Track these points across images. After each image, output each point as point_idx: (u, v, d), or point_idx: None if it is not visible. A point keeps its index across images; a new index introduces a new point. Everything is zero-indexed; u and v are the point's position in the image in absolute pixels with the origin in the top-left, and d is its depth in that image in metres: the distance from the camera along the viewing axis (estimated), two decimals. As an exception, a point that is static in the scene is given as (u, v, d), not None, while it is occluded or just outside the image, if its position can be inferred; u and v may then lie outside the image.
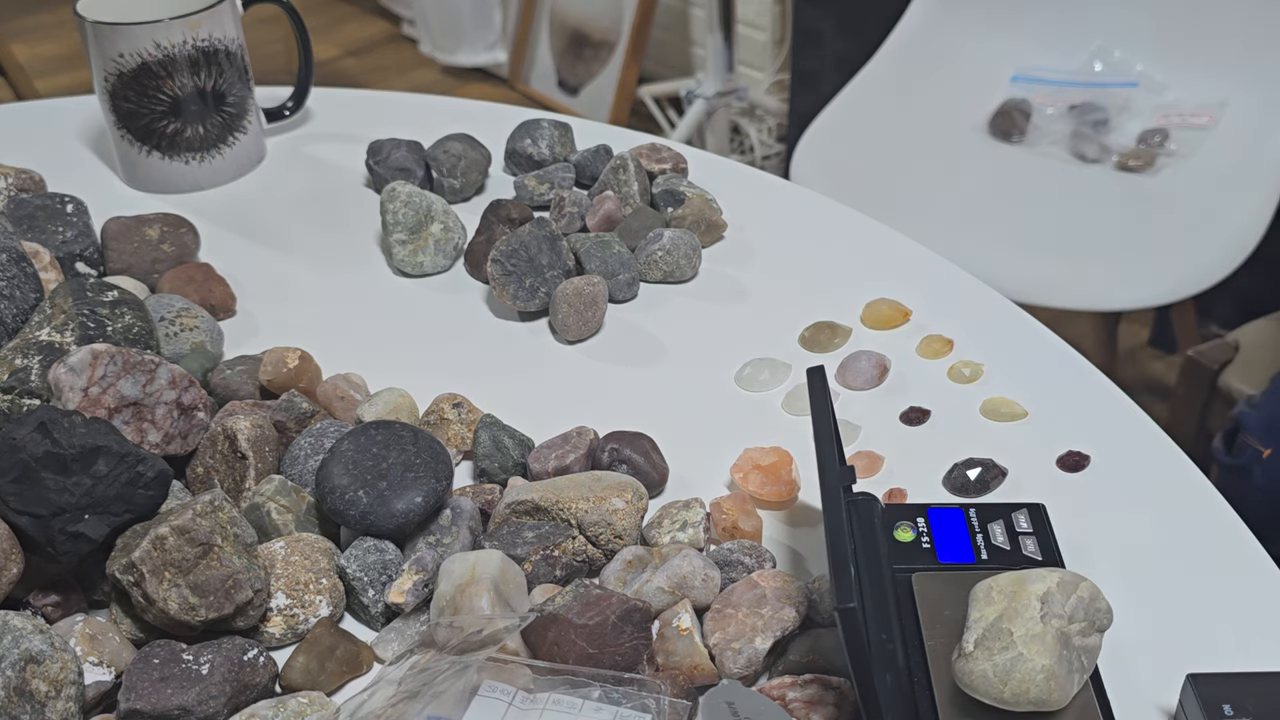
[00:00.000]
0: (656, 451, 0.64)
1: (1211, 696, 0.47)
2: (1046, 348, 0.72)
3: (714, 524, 0.61)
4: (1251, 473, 1.08)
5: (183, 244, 0.80)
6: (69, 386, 0.59)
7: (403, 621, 0.56)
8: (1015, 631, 0.46)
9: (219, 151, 0.91)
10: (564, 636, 0.52)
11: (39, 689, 0.49)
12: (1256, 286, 1.55)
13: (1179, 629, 0.55)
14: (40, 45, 2.98)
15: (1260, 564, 0.58)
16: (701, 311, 0.77)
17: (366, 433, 0.61)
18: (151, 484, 0.56)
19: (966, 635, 0.47)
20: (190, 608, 0.53)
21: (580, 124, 0.96)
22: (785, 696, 0.51)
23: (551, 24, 2.66)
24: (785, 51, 2.38)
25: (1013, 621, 0.46)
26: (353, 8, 3.26)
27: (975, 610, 0.47)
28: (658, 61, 2.68)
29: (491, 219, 0.81)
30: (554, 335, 0.75)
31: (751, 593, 0.55)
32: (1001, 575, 0.48)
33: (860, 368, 0.70)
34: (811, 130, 1.53)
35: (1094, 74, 1.54)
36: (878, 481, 0.64)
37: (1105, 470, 0.63)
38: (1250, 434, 1.08)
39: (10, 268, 0.68)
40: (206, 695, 0.51)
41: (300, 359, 0.69)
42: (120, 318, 0.67)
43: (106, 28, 0.84)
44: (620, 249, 0.78)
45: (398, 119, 0.98)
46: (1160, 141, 1.43)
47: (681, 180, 0.85)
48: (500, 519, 0.60)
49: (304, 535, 0.59)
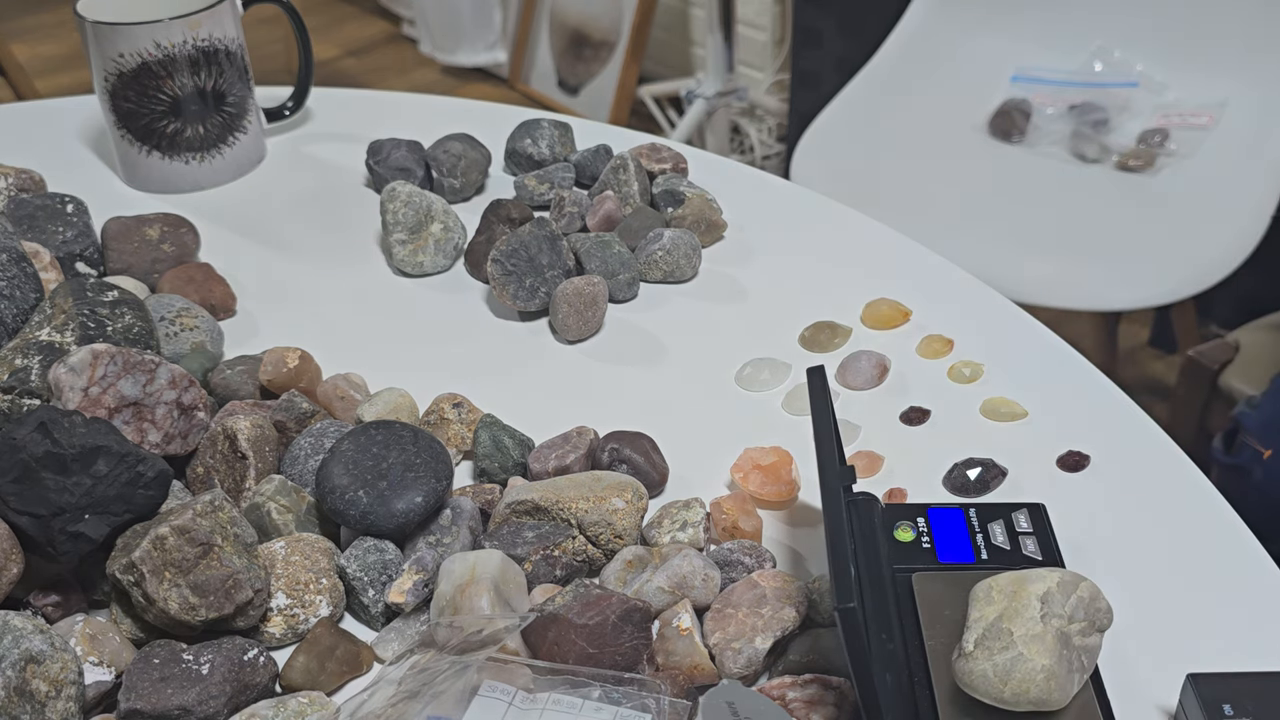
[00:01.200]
0: (656, 451, 0.64)
1: (1211, 696, 0.47)
2: (1046, 348, 0.72)
3: (714, 524, 0.61)
4: (1251, 473, 1.08)
5: (183, 244, 0.80)
6: (69, 386, 0.59)
7: (403, 621, 0.56)
8: (1015, 631, 0.46)
9: (219, 151, 0.91)
10: (564, 636, 0.52)
11: (39, 689, 0.49)
12: (1256, 286, 1.55)
13: (1179, 629, 0.55)
14: (40, 45, 2.98)
15: (1260, 564, 0.58)
16: (701, 311, 0.77)
17: (366, 433, 0.61)
18: (151, 484, 0.56)
19: (966, 635, 0.47)
20: (190, 608, 0.53)
21: (580, 124, 0.96)
22: (785, 696, 0.51)
23: (551, 24, 2.66)
24: (785, 51, 2.38)
25: (1013, 621, 0.46)
26: (353, 8, 3.26)
27: (975, 610, 0.47)
28: (658, 61, 2.68)
29: (491, 219, 0.81)
30: (554, 335, 0.75)
31: (751, 593, 0.55)
32: (1001, 575, 0.48)
33: (860, 368, 0.70)
34: (811, 130, 1.53)
35: (1094, 74, 1.54)
36: (878, 481, 0.64)
37: (1105, 470, 0.63)
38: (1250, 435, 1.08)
39: (10, 268, 0.68)
40: (206, 695, 0.51)
41: (300, 359, 0.69)
42: (120, 318, 0.67)
43: (106, 28, 0.84)
44: (620, 249, 0.78)
45: (398, 119, 0.98)
46: (1160, 141, 1.43)
47: (681, 180, 0.85)
48: (500, 519, 0.60)
49: (304, 535, 0.59)
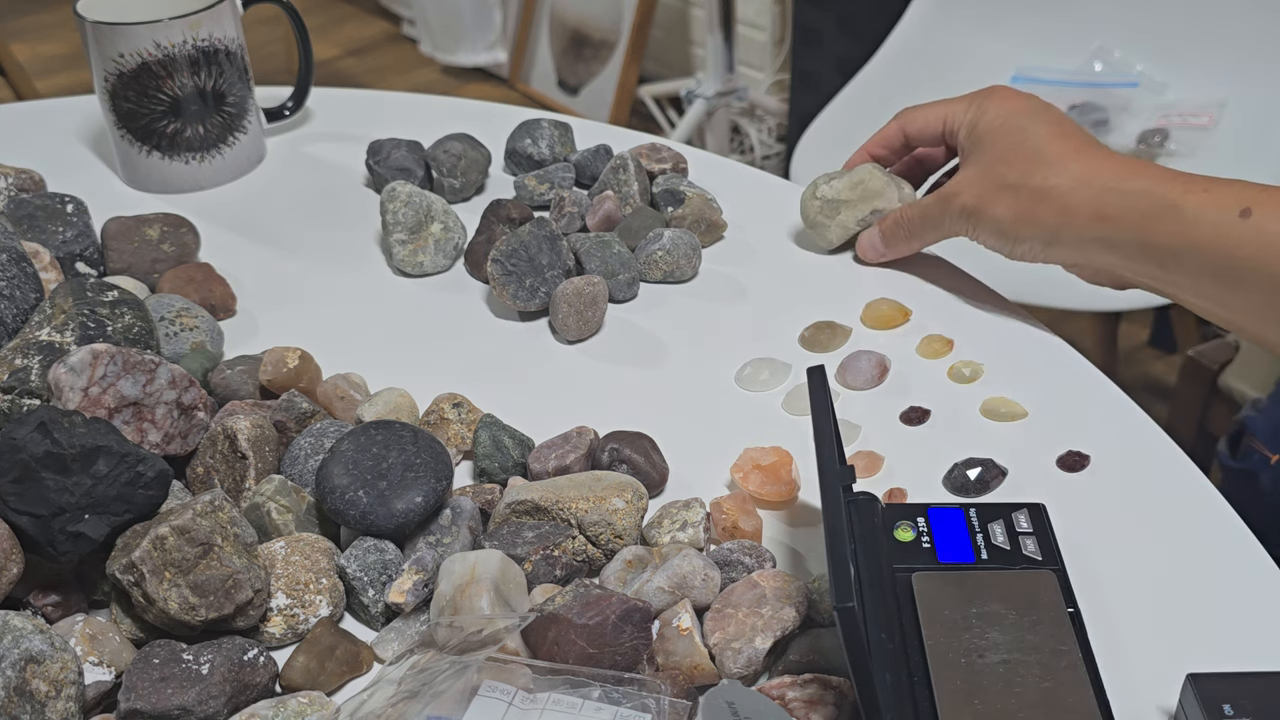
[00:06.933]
0: (656, 451, 0.64)
1: (1211, 696, 0.47)
2: (1046, 348, 0.72)
3: (714, 524, 0.61)
4: (1258, 477, 1.07)
5: (183, 244, 0.80)
6: (69, 386, 0.59)
7: (403, 621, 0.56)
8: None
9: (219, 151, 0.91)
10: (564, 636, 0.52)
11: (39, 689, 0.49)
12: (1257, 286, 1.54)
13: (1179, 629, 0.55)
14: (40, 45, 2.98)
15: (1260, 563, 0.58)
16: (701, 311, 0.77)
17: (366, 433, 0.61)
18: (151, 484, 0.56)
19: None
20: (190, 608, 0.53)
21: (580, 124, 0.96)
22: (785, 696, 0.51)
23: (551, 24, 2.66)
24: (785, 51, 2.38)
25: None
26: (353, 8, 3.26)
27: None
28: (658, 61, 2.68)
29: (491, 219, 0.81)
30: (554, 335, 0.75)
31: (751, 593, 0.55)
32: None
33: (860, 368, 0.70)
34: (811, 130, 1.53)
35: (1094, 74, 1.54)
36: (878, 481, 0.64)
37: (1105, 470, 0.63)
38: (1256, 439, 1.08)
39: (10, 268, 0.68)
40: (206, 695, 0.51)
41: (300, 359, 0.69)
42: (120, 318, 0.67)
43: (106, 28, 0.84)
44: (620, 249, 0.78)
45: (398, 119, 0.98)
46: (1160, 141, 1.43)
47: (681, 180, 0.85)
48: (500, 519, 0.60)
49: (304, 535, 0.59)
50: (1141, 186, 0.65)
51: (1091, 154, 0.68)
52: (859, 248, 0.79)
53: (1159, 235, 0.64)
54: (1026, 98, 0.73)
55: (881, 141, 0.79)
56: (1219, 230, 0.62)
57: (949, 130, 0.75)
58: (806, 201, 0.79)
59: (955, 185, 0.73)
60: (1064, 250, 0.69)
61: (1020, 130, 0.70)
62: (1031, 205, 0.69)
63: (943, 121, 0.75)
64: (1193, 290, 0.65)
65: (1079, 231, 0.67)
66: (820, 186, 0.79)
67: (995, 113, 0.72)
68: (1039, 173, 0.69)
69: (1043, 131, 0.70)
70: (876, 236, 0.78)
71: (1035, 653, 0.49)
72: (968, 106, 0.74)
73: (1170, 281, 0.65)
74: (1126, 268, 0.67)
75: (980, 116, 0.72)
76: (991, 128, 0.71)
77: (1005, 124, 0.71)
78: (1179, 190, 0.64)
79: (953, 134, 0.75)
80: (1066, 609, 0.52)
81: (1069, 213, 0.67)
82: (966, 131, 0.73)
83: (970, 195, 0.71)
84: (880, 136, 0.79)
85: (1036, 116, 0.71)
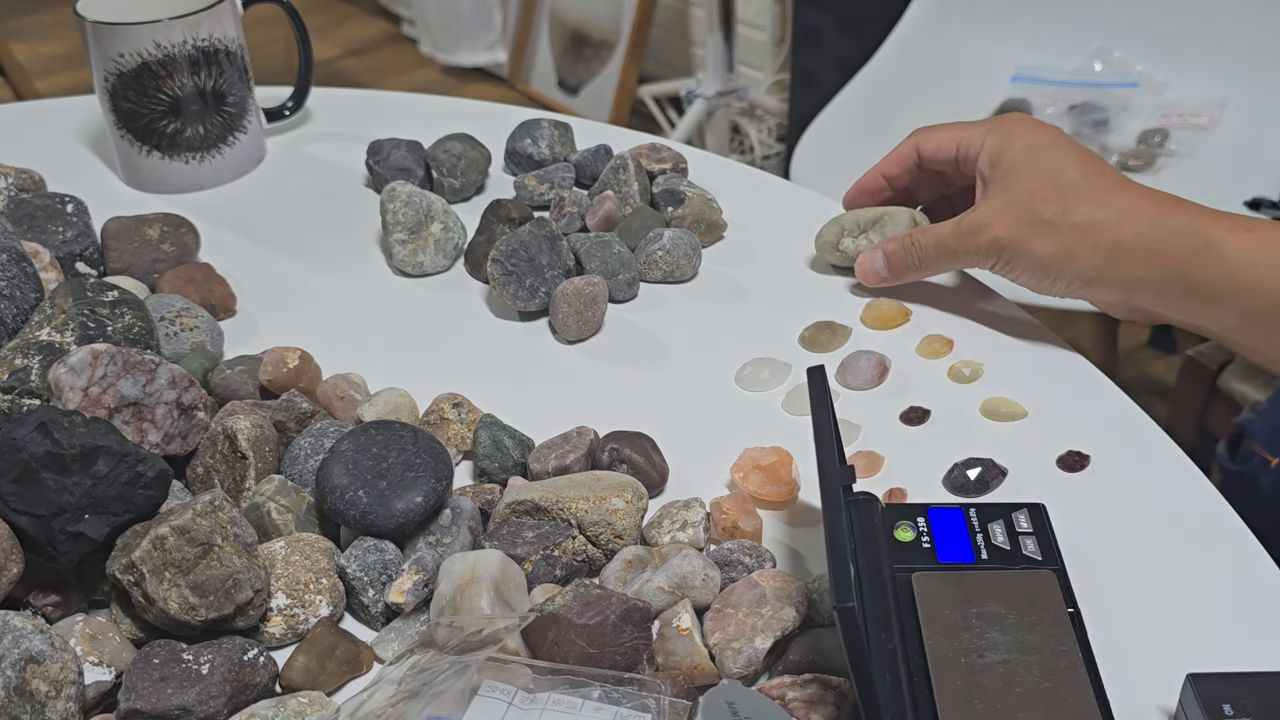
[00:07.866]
0: (656, 451, 0.64)
1: (1211, 696, 0.47)
2: (1046, 348, 0.72)
3: (714, 524, 0.61)
4: (1258, 480, 1.07)
5: (183, 244, 0.80)
6: (69, 386, 0.59)
7: (403, 621, 0.56)
8: None
9: (219, 151, 0.91)
10: (564, 636, 0.52)
11: (39, 689, 0.49)
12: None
13: (1179, 629, 0.55)
14: (40, 45, 2.98)
15: (1260, 563, 0.58)
16: (701, 311, 0.77)
17: (366, 433, 0.61)
18: (151, 484, 0.56)
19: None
20: (190, 608, 0.53)
21: (580, 124, 0.96)
22: (785, 696, 0.51)
23: (551, 24, 2.66)
24: (785, 51, 2.38)
25: None
26: (353, 8, 3.26)
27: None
28: (658, 61, 2.68)
29: (491, 219, 0.81)
30: (554, 335, 0.75)
31: (751, 593, 0.55)
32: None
33: (860, 368, 0.70)
34: (811, 130, 1.53)
35: (1094, 74, 1.54)
36: (878, 481, 0.64)
37: (1105, 470, 0.63)
38: (1256, 442, 1.08)
39: (10, 268, 0.68)
40: (206, 695, 0.51)
41: (300, 359, 0.69)
42: (120, 318, 0.67)
43: (106, 28, 0.84)
44: (620, 249, 0.78)
45: (398, 119, 0.98)
46: (1160, 141, 1.43)
47: (681, 180, 0.85)
48: (500, 519, 0.60)
49: (304, 535, 0.59)
50: (1185, 223, 0.63)
51: (1128, 189, 0.66)
52: (859, 272, 0.76)
53: (1202, 272, 0.63)
54: (1051, 130, 0.70)
55: (896, 161, 0.76)
56: (1261, 271, 0.61)
57: (963, 155, 0.72)
58: (824, 249, 0.77)
59: (982, 217, 0.69)
60: (1104, 289, 0.66)
61: (1055, 164, 0.68)
62: (1074, 242, 0.66)
63: (957, 145, 0.72)
64: (1234, 329, 0.63)
65: (1123, 269, 0.65)
66: (844, 240, 0.76)
67: (1023, 143, 0.69)
68: (1080, 209, 0.66)
69: (1076, 165, 0.67)
70: (880, 263, 0.74)
71: (1035, 653, 0.49)
72: (987, 132, 0.71)
73: (1210, 318, 0.64)
74: (1166, 305, 0.65)
75: (1005, 145, 0.69)
76: (1020, 159, 0.68)
77: (1036, 157, 0.68)
78: (1222, 229, 0.62)
79: (968, 159, 0.72)
80: (1066, 609, 0.52)
81: (1116, 248, 0.65)
82: (988, 159, 0.70)
83: (1002, 229, 0.68)
84: (895, 156, 0.76)
85: (1067, 150, 0.68)
